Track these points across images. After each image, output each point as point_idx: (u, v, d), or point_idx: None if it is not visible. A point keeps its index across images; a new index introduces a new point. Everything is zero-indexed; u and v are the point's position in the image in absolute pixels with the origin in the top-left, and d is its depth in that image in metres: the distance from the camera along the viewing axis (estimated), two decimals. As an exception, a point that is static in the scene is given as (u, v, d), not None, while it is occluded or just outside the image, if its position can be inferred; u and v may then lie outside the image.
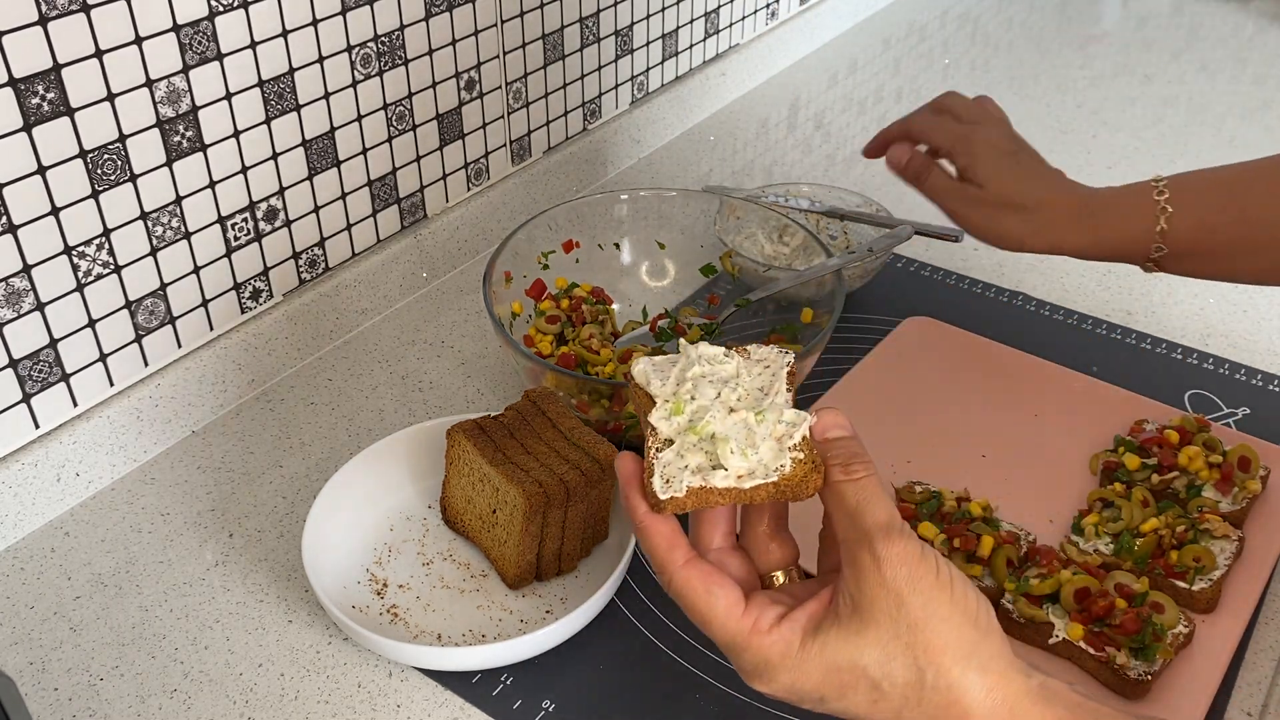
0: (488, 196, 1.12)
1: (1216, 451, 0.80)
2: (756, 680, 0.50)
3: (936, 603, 0.46)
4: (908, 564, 0.47)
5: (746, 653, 0.49)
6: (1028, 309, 1.03)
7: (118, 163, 0.78)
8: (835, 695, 0.48)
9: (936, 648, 0.46)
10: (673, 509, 0.50)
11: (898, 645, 0.47)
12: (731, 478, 0.50)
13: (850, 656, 0.47)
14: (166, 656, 0.72)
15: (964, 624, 0.47)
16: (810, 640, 0.48)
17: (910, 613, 0.46)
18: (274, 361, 0.95)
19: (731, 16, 1.41)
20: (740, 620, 0.49)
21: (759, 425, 0.51)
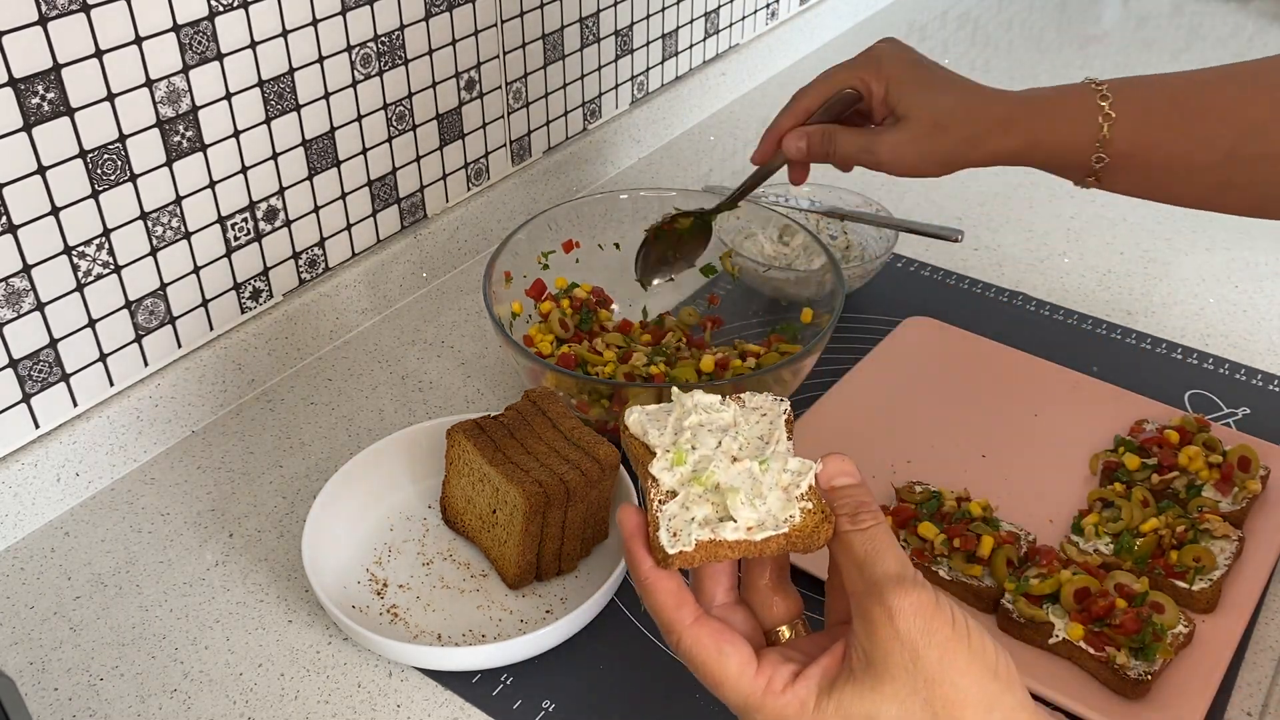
0: (488, 196, 1.12)
1: (1216, 451, 0.80)
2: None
3: (953, 654, 0.45)
4: (922, 615, 0.45)
5: (760, 713, 0.47)
6: (1028, 309, 1.03)
7: (118, 163, 0.78)
8: None
9: (956, 702, 0.44)
10: (681, 564, 0.47)
11: (915, 701, 0.45)
12: (741, 530, 0.47)
13: (867, 712, 0.45)
14: (166, 656, 0.72)
15: (984, 676, 0.45)
16: (825, 698, 0.46)
17: (927, 666, 0.44)
18: (274, 361, 0.95)
19: (731, 16, 1.41)
20: (754, 680, 0.47)
21: (764, 474, 0.49)
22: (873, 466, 0.83)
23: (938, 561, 0.73)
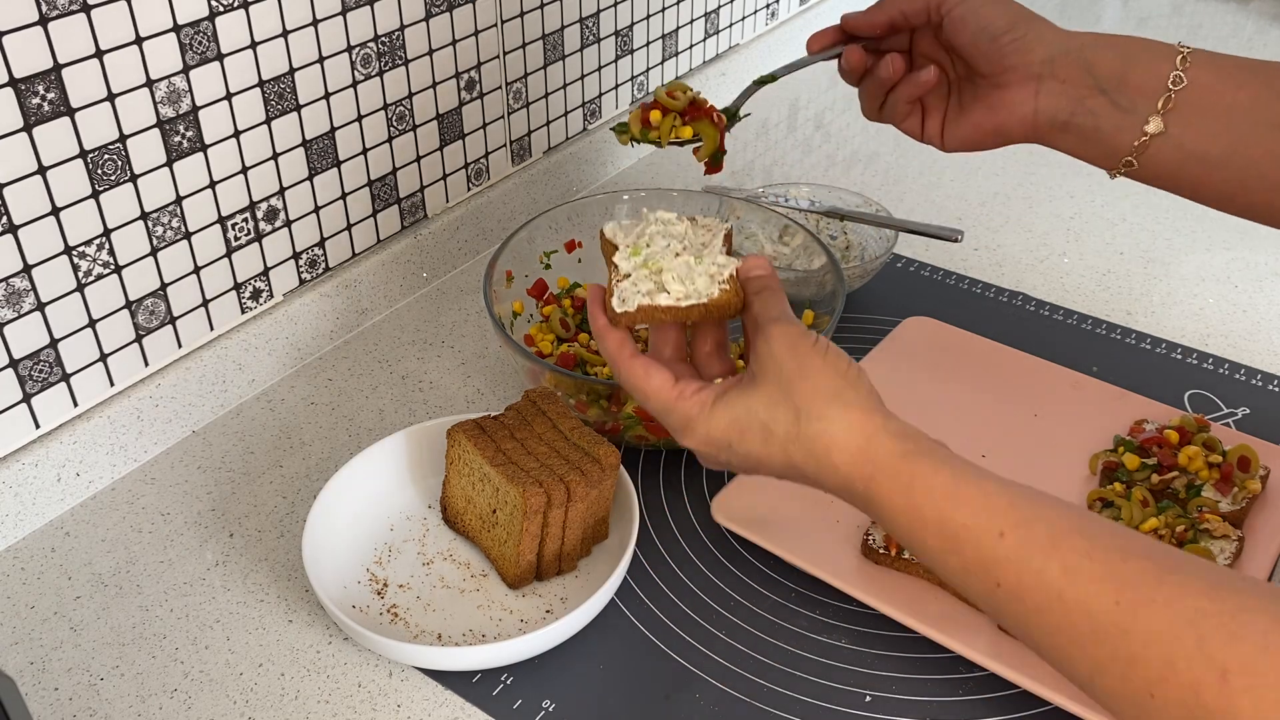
0: (488, 196, 1.12)
1: (1216, 451, 0.80)
2: (683, 436, 0.63)
3: (810, 362, 0.59)
4: (789, 338, 0.60)
5: (673, 414, 0.62)
6: (1028, 309, 1.03)
7: (118, 163, 0.78)
8: (738, 440, 0.60)
9: (809, 392, 0.58)
10: (626, 322, 0.65)
11: (780, 394, 0.58)
12: (672, 299, 0.64)
13: (746, 407, 0.59)
14: (167, 656, 0.72)
15: (833, 376, 0.58)
16: (719, 400, 0.61)
17: (788, 370, 0.59)
18: (274, 361, 0.95)
19: (731, 16, 1.41)
20: (670, 390, 0.62)
21: (697, 265, 0.66)
22: (873, 466, 0.83)
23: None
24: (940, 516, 0.54)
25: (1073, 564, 0.49)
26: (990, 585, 0.52)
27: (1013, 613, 0.52)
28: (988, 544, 0.52)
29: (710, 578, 0.77)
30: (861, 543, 0.77)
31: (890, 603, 0.72)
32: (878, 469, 0.56)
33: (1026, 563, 0.51)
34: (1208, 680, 0.44)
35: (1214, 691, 0.44)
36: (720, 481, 0.84)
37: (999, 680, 0.69)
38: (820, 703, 0.68)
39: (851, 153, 1.32)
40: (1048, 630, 0.50)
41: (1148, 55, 0.69)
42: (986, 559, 0.52)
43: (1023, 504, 0.53)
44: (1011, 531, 0.52)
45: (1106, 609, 0.48)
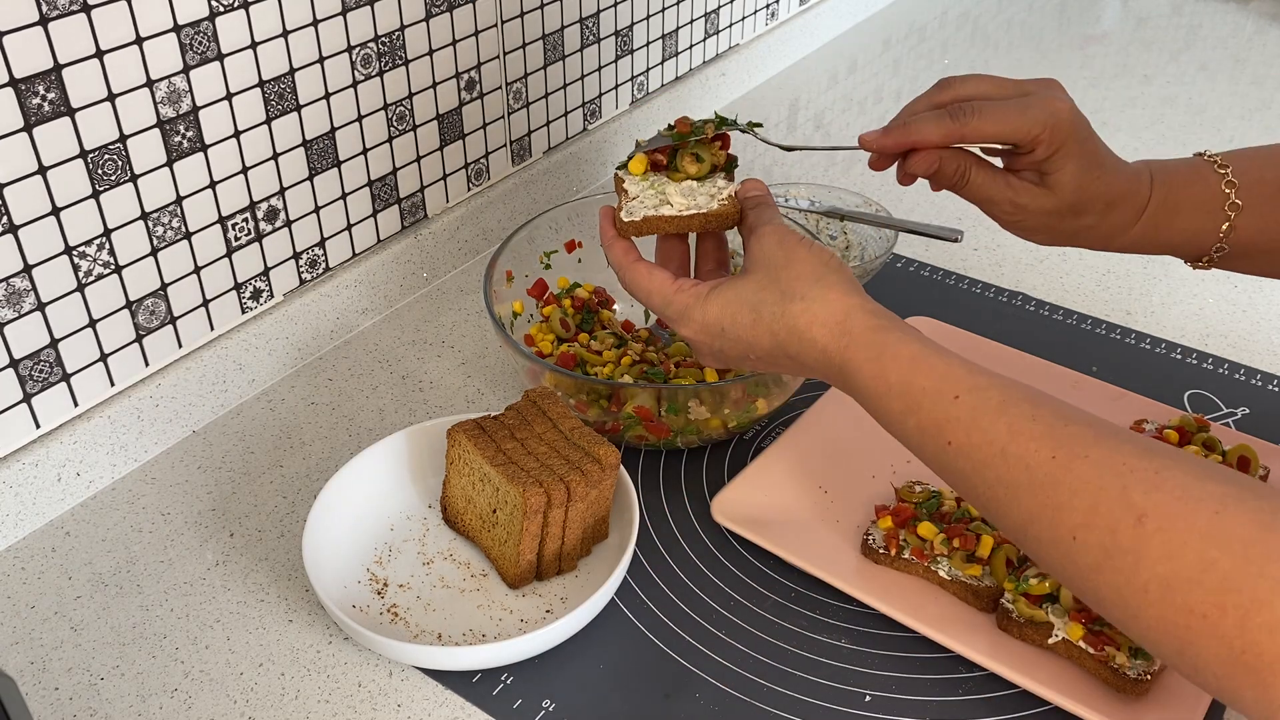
0: (488, 196, 1.12)
1: (1216, 451, 0.80)
2: (680, 324, 0.67)
3: (796, 251, 0.64)
4: (777, 233, 0.66)
5: (672, 305, 0.67)
6: (1027, 309, 1.03)
7: (118, 163, 0.78)
8: (729, 323, 0.65)
9: (793, 276, 0.63)
10: (632, 231, 0.70)
11: (768, 279, 0.64)
12: (675, 210, 0.69)
13: (737, 293, 0.65)
14: (167, 656, 0.72)
15: (816, 262, 0.63)
16: (714, 290, 0.66)
17: (776, 259, 0.64)
18: (274, 361, 0.95)
19: (731, 17, 1.41)
20: (670, 285, 0.67)
21: (700, 187, 0.71)
22: (872, 466, 0.83)
23: (937, 561, 0.73)
24: (904, 381, 0.59)
25: (1018, 425, 0.54)
26: (942, 443, 0.57)
27: (960, 469, 0.56)
28: (943, 405, 0.57)
29: (710, 578, 0.77)
30: (861, 543, 0.77)
31: (890, 603, 0.72)
32: (853, 340, 0.61)
33: (976, 422, 0.56)
34: (1125, 523, 0.49)
35: (1129, 533, 0.49)
36: (720, 481, 0.84)
37: (999, 680, 0.69)
38: (820, 703, 0.68)
39: (852, 153, 1.32)
40: (989, 483, 0.55)
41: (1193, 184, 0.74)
42: (941, 419, 0.57)
43: (979, 374, 0.58)
44: (966, 395, 0.57)
45: (1043, 463, 0.52)
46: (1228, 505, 0.47)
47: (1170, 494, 0.48)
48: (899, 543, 0.75)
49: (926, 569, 0.74)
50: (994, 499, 0.55)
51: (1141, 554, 0.48)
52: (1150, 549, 0.48)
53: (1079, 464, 0.51)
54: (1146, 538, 0.48)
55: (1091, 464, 0.51)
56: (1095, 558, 0.50)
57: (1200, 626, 0.46)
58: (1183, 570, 0.47)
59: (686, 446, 0.85)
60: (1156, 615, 0.48)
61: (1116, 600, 0.49)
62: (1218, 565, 0.46)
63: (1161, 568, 0.47)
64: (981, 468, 0.55)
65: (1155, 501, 0.48)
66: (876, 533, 0.76)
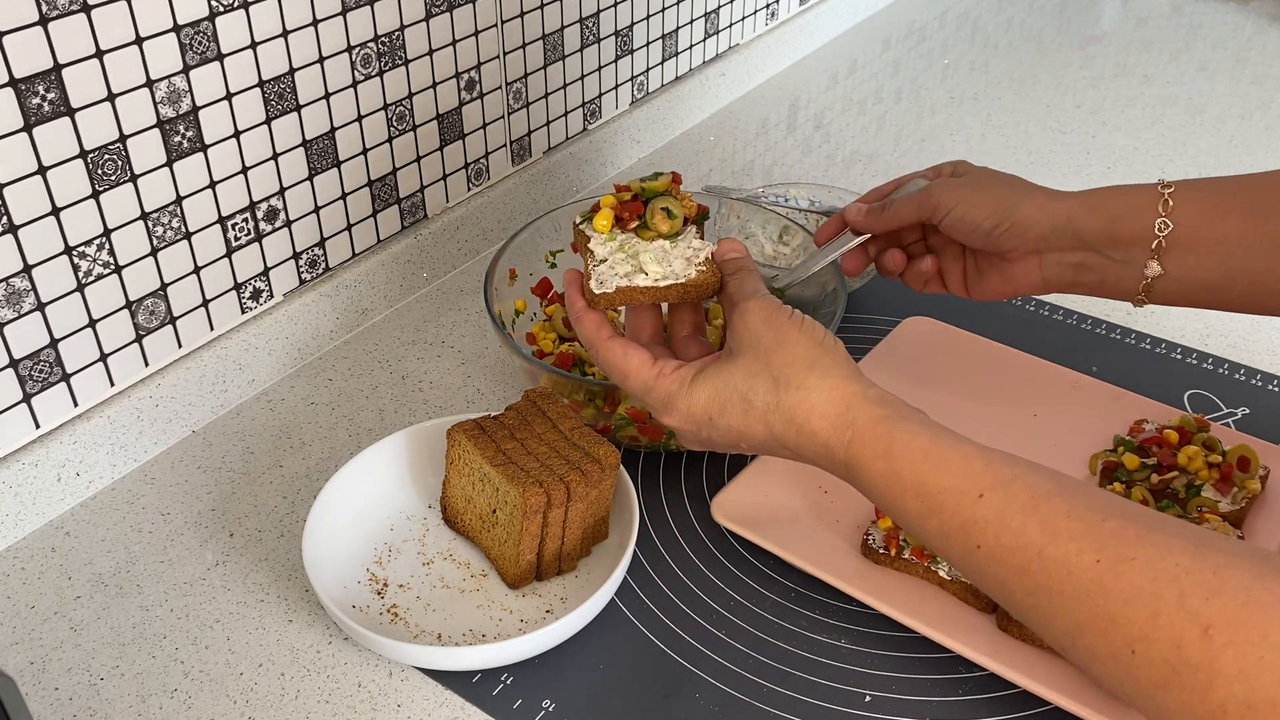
0: (488, 196, 1.12)
1: (1216, 451, 0.80)
2: (664, 414, 0.64)
3: (786, 332, 0.60)
4: (765, 311, 0.62)
5: (653, 392, 0.64)
6: (1027, 309, 1.03)
7: (118, 163, 0.78)
8: (718, 413, 0.61)
9: (786, 361, 0.59)
10: (604, 304, 0.66)
11: (759, 365, 0.60)
12: (650, 279, 0.66)
13: (725, 379, 0.61)
14: (167, 656, 0.72)
15: (809, 344, 0.60)
16: (699, 376, 0.62)
17: (765, 341, 0.60)
18: (274, 361, 0.95)
19: (731, 17, 1.41)
20: (649, 370, 0.64)
21: (673, 249, 0.67)
22: (873, 466, 0.83)
23: (937, 561, 0.73)
24: (919, 479, 0.54)
25: (1052, 523, 0.50)
26: (970, 547, 0.53)
27: (993, 575, 0.52)
28: (967, 505, 0.53)
29: (710, 578, 0.77)
30: (861, 543, 0.77)
31: (890, 603, 0.72)
32: (856, 434, 0.57)
33: (1005, 523, 0.51)
34: (1190, 635, 0.44)
35: (1196, 646, 0.44)
36: (720, 481, 0.84)
37: (999, 680, 0.69)
38: (820, 703, 0.68)
39: (851, 153, 1.32)
40: (1028, 591, 0.50)
41: (1131, 208, 0.71)
42: (966, 521, 0.53)
43: (1001, 466, 0.53)
44: (990, 492, 0.52)
45: (1087, 567, 0.48)
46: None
47: (1234, 599, 0.44)
48: (899, 543, 0.75)
49: (926, 569, 0.74)
50: (1035, 607, 0.50)
51: (1215, 671, 0.44)
52: (1223, 666, 0.43)
53: (1127, 568, 0.47)
54: (1216, 653, 0.44)
55: (1141, 566, 0.47)
56: (1160, 674, 0.45)
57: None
58: (1262, 690, 0.43)
59: (680, 449, 0.85)
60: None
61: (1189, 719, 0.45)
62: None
63: (1238, 687, 0.43)
64: (1017, 574, 0.51)
65: (1219, 609, 0.44)
66: (876, 533, 0.76)
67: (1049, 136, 1.35)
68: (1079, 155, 1.30)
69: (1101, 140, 1.34)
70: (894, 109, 1.43)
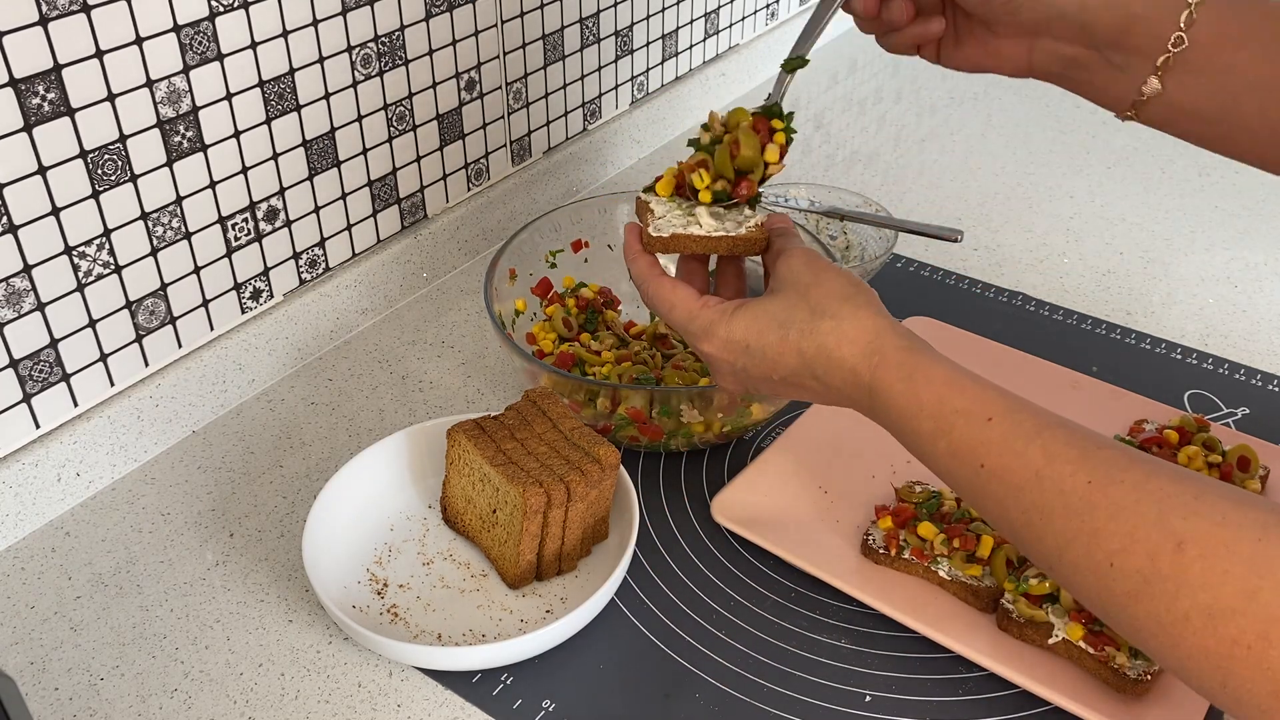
0: (488, 196, 1.12)
1: (1216, 451, 0.80)
2: (703, 340, 0.66)
3: (826, 272, 0.64)
4: (807, 255, 0.66)
5: (695, 320, 0.66)
6: (1027, 309, 1.03)
7: (118, 163, 0.78)
8: (755, 339, 0.64)
9: (823, 294, 0.63)
10: (659, 247, 0.69)
11: (797, 296, 0.63)
12: (703, 230, 0.69)
13: (765, 309, 0.64)
14: (167, 656, 0.72)
15: (845, 281, 0.64)
16: (740, 308, 0.65)
17: (805, 278, 0.64)
18: (274, 361, 0.95)
19: (731, 17, 1.41)
20: (695, 302, 0.67)
21: (726, 212, 0.71)
22: (872, 466, 0.83)
23: (937, 562, 0.73)
24: (937, 400, 0.58)
25: (1052, 449, 0.53)
26: (975, 466, 0.56)
27: (993, 492, 0.55)
28: (976, 427, 0.56)
29: (710, 578, 0.77)
30: (861, 543, 0.77)
31: (890, 603, 0.72)
32: (883, 359, 0.60)
33: (1010, 444, 0.55)
34: (1164, 549, 0.47)
35: (1168, 559, 0.47)
36: (720, 481, 0.84)
37: (999, 680, 0.69)
38: (820, 703, 0.68)
39: (851, 153, 1.32)
40: (1023, 508, 0.54)
41: (1153, 13, 0.68)
42: (974, 441, 0.56)
43: (1010, 397, 0.57)
44: (1000, 417, 0.56)
45: (1078, 487, 0.51)
46: (1269, 532, 0.45)
47: (1210, 520, 0.47)
48: (899, 543, 0.75)
49: (926, 569, 0.74)
50: (1027, 524, 0.54)
51: (1182, 581, 0.46)
52: (1191, 576, 0.46)
53: (1115, 489, 0.50)
54: (1187, 565, 0.46)
55: (1128, 488, 0.50)
56: (1133, 584, 0.48)
57: (1244, 657, 0.44)
58: (1225, 599, 0.45)
59: (679, 449, 0.85)
60: (1198, 645, 0.46)
61: (1155, 629, 0.48)
62: (1261, 594, 0.44)
63: (1203, 596, 0.46)
64: (1015, 492, 0.54)
65: (1194, 527, 0.47)
66: (876, 533, 0.76)
67: (1049, 136, 1.35)
68: (1079, 155, 1.30)
69: (1101, 140, 1.34)
70: (894, 109, 1.43)
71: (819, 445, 0.85)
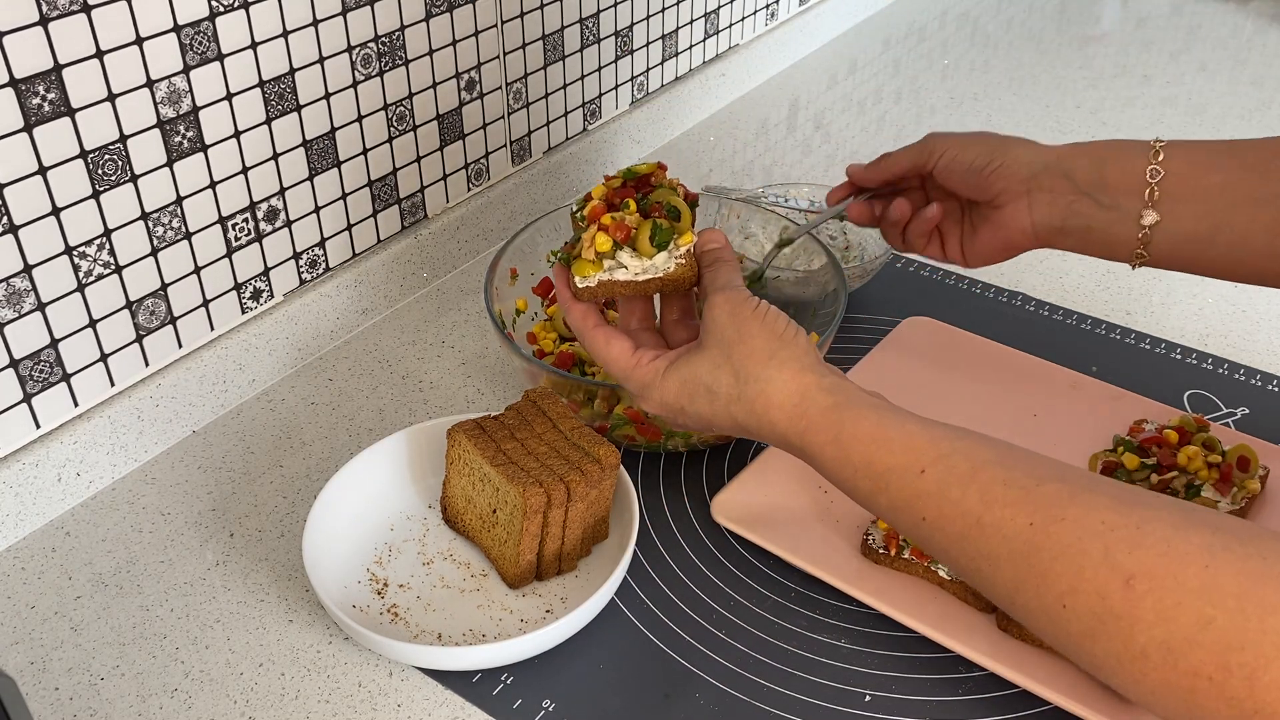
0: (488, 197, 1.12)
1: (1215, 451, 0.80)
2: (642, 400, 0.68)
3: (748, 325, 0.63)
4: (730, 303, 0.65)
5: (631, 380, 0.68)
6: (1027, 309, 1.03)
7: (118, 163, 0.78)
8: (688, 402, 0.65)
9: (746, 354, 0.63)
10: (588, 296, 0.70)
11: (722, 357, 0.63)
12: (629, 274, 0.69)
13: (693, 372, 0.64)
14: (167, 656, 0.72)
15: (769, 337, 0.63)
16: (671, 367, 0.66)
17: (729, 335, 0.64)
18: (274, 361, 0.95)
19: (731, 17, 1.41)
20: (629, 359, 0.68)
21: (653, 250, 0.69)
22: (872, 466, 0.83)
23: (937, 561, 0.73)
24: (867, 460, 0.58)
25: (989, 491, 0.53)
26: (916, 519, 0.56)
27: (938, 543, 0.55)
28: (910, 481, 0.56)
29: (710, 578, 0.77)
30: (861, 543, 0.77)
31: (890, 603, 0.72)
32: (810, 423, 0.61)
33: (945, 494, 0.55)
34: (1113, 586, 0.47)
35: (1119, 597, 0.47)
36: (720, 481, 0.84)
37: (999, 680, 0.69)
38: (820, 703, 0.68)
39: (851, 153, 1.32)
40: (970, 556, 0.53)
41: (1122, 155, 0.74)
42: (910, 495, 0.56)
43: (942, 441, 0.56)
44: (931, 467, 0.56)
45: (1020, 530, 0.51)
46: (1215, 556, 0.45)
47: (1154, 551, 0.47)
48: (899, 543, 0.75)
49: (926, 569, 0.74)
50: (976, 570, 0.54)
51: (1135, 618, 0.46)
52: (1143, 612, 0.46)
53: (1057, 527, 0.50)
54: (1137, 600, 0.46)
55: (1070, 525, 0.50)
56: (1088, 624, 0.48)
57: (1207, 689, 0.44)
58: (1180, 631, 0.45)
59: (678, 450, 0.85)
60: (1160, 680, 0.46)
61: (1116, 666, 0.48)
62: (1215, 623, 0.44)
63: (1158, 631, 0.46)
64: (959, 540, 0.54)
65: (1139, 560, 0.47)
66: (876, 533, 0.76)
67: (1049, 136, 1.34)
68: (1079, 155, 1.30)
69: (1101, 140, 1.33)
70: (894, 109, 1.43)
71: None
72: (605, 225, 0.69)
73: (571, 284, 0.70)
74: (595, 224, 0.69)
